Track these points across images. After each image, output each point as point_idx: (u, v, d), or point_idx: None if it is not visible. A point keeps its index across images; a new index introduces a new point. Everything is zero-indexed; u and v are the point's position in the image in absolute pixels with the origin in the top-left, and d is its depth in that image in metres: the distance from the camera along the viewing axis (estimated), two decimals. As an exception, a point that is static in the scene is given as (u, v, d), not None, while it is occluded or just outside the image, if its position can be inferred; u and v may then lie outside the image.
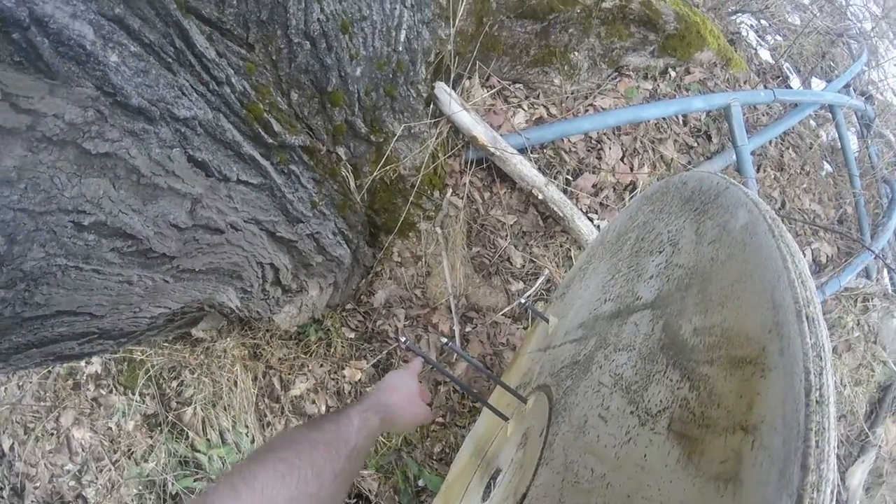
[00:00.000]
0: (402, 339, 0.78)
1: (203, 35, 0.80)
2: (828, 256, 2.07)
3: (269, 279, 1.06)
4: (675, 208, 0.64)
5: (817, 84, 2.64)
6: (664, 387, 0.44)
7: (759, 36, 2.42)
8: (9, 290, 0.56)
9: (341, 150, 1.19)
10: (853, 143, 2.64)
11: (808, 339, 0.32)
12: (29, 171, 0.52)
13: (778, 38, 2.58)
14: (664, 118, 1.55)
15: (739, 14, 2.37)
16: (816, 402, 0.29)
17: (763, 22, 2.55)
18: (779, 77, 2.35)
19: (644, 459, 0.41)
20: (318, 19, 1.07)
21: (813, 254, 2.02)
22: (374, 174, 1.16)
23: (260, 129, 0.89)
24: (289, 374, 1.36)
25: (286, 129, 0.98)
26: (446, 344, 0.81)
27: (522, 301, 0.94)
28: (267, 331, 1.37)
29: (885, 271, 2.47)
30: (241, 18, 1.05)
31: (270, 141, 0.92)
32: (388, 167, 1.17)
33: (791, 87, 2.38)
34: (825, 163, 2.33)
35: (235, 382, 1.38)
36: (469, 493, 0.87)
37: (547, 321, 0.94)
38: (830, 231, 1.94)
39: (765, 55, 2.34)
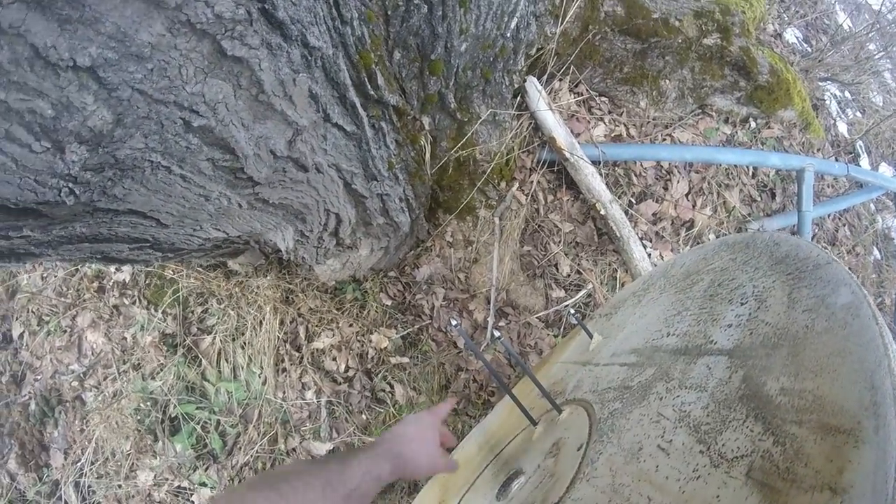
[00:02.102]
0: (454, 322, 0.77)
1: None
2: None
3: (329, 228, 1.09)
4: (762, 265, 0.67)
5: (885, 170, 2.64)
6: (743, 435, 0.47)
7: (840, 108, 2.43)
8: (96, 173, 0.55)
9: (426, 120, 1.22)
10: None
11: (902, 423, 0.36)
12: (162, 52, 0.50)
13: (858, 114, 2.58)
14: (737, 166, 1.57)
15: (828, 82, 2.38)
16: (904, 481, 0.33)
17: (847, 95, 2.55)
18: (851, 153, 2.36)
19: (717, 500, 0.44)
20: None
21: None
22: (451, 151, 1.19)
23: (366, 79, 0.92)
24: (317, 325, 1.39)
25: (387, 84, 1.01)
26: (498, 338, 0.82)
27: (571, 311, 0.97)
28: (305, 279, 1.41)
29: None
30: None
31: (372, 93, 0.95)
32: (465, 148, 1.20)
33: (860, 167, 2.39)
34: (875, 248, 2.34)
35: (261, 322, 1.41)
36: (477, 486, 0.90)
37: (591, 336, 0.97)
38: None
39: (842, 128, 2.35)
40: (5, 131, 0.43)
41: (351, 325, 1.32)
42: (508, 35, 1.22)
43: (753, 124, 1.72)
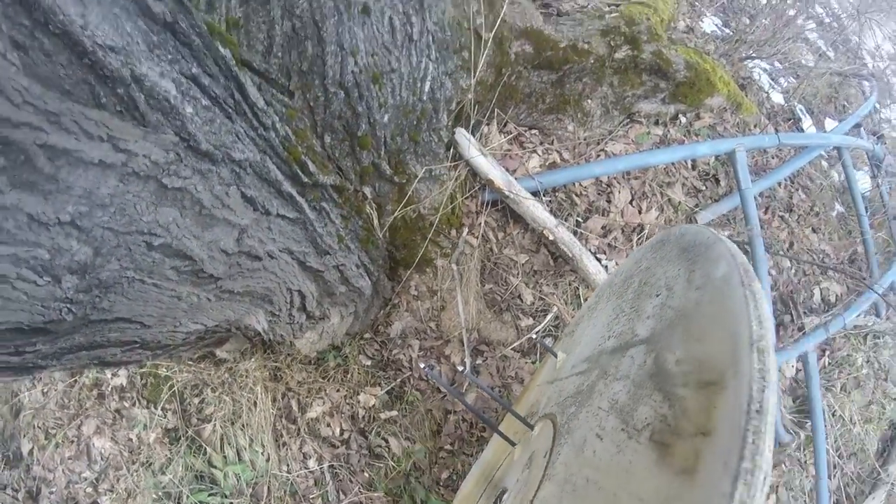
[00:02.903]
0: (422, 365, 0.88)
1: (254, 86, 0.95)
2: (837, 295, 2.16)
3: (296, 304, 1.19)
4: (673, 256, 0.76)
5: (831, 125, 2.75)
6: (649, 406, 0.56)
7: (772, 79, 2.55)
8: (86, 293, 0.69)
9: (367, 190, 1.33)
10: (867, 182, 2.74)
11: (755, 364, 0.44)
12: (119, 198, 0.65)
13: (792, 80, 2.70)
14: (673, 163, 1.67)
15: (753, 58, 2.50)
16: (756, 411, 0.41)
17: (777, 64, 2.68)
18: (791, 119, 2.47)
19: (630, 464, 0.53)
20: (353, 71, 1.22)
21: (822, 293, 2.11)
22: (396, 213, 1.29)
23: (298, 170, 1.03)
24: (307, 396, 1.48)
25: (320, 169, 1.12)
26: (462, 371, 0.91)
27: (534, 337, 1.05)
28: (288, 355, 1.49)
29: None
30: (284, 69, 1.21)
31: (306, 180, 1.06)
32: (409, 206, 1.30)
33: (802, 129, 2.50)
34: (836, 204, 2.43)
35: (255, 402, 1.50)
36: (476, 511, 0.98)
37: (556, 356, 1.05)
38: (836, 271, 2.03)
39: (777, 98, 2.46)
40: (17, 274, 0.58)
41: (338, 391, 1.40)
42: (425, 98, 1.33)
43: (684, 119, 1.83)
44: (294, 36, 1.17)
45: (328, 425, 1.47)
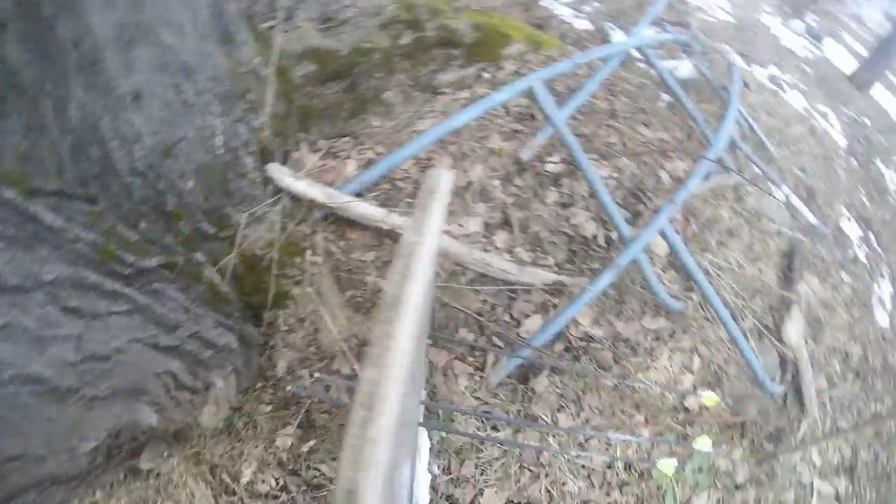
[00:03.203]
0: (288, 388, 0.98)
1: (49, 209, 1.03)
2: (685, 171, 2.47)
3: (171, 385, 1.27)
4: None
5: (645, 31, 3.11)
6: None
7: (575, 8, 2.84)
8: None
9: (198, 255, 1.42)
10: (689, 67, 3.13)
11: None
12: None
13: (595, 3, 3.03)
14: (483, 117, 1.86)
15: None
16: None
17: (582, -7, 2.98)
18: (599, 38, 2.77)
19: None
20: (141, 156, 1.32)
21: (669, 174, 2.41)
22: (231, 264, 1.39)
23: (115, 266, 1.13)
24: (233, 465, 1.55)
25: (139, 256, 1.22)
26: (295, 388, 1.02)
27: None
28: (199, 436, 1.55)
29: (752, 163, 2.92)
30: (80, 179, 1.29)
31: (128, 272, 1.16)
32: (243, 253, 1.40)
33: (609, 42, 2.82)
34: (664, 95, 2.76)
35: (193, 493, 1.55)
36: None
37: None
38: (670, 151, 2.32)
39: (582, 24, 2.76)
40: None
41: (256, 446, 1.49)
42: (221, 151, 1.45)
43: (487, 75, 2.04)
44: (77, 147, 1.27)
45: (263, 481, 1.55)
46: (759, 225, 2.79)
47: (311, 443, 1.49)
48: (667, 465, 1.44)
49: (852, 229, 3.65)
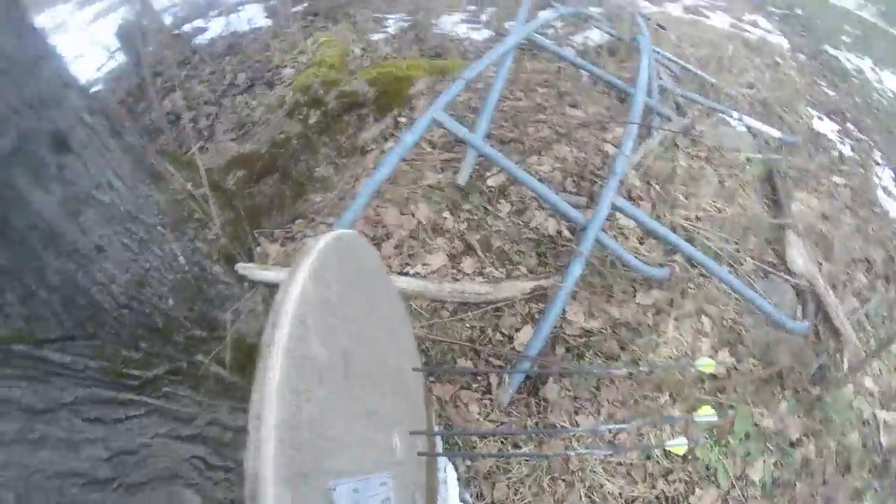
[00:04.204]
0: None
1: (58, 351, 1.33)
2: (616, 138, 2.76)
3: (202, 467, 1.54)
4: None
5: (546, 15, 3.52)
6: None
7: (470, 23, 3.24)
8: None
9: (199, 356, 1.72)
10: (596, 34, 3.50)
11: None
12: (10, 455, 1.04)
13: (490, 8, 3.44)
14: (404, 160, 2.17)
15: (435, 28, 3.18)
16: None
17: (471, 7, 3.40)
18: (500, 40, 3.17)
19: None
20: (120, 292, 1.62)
21: (613, 144, 2.72)
22: (227, 358, 1.69)
23: (125, 381, 1.43)
24: None
25: (144, 370, 1.50)
26: None
27: None
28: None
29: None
30: (77, 323, 1.57)
31: (137, 383, 1.45)
32: (239, 345, 1.70)
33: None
34: (582, 72, 3.12)
35: None
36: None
37: None
38: (604, 121, 2.64)
39: (482, 34, 3.16)
40: None
41: None
42: (187, 268, 1.77)
43: (404, 119, 2.39)
44: (66, 301, 1.52)
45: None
46: (723, 161, 3.00)
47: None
48: (677, 446, 1.38)
49: (826, 126, 3.81)
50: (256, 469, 0.64)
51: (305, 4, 3.66)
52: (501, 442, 1.91)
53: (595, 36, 3.64)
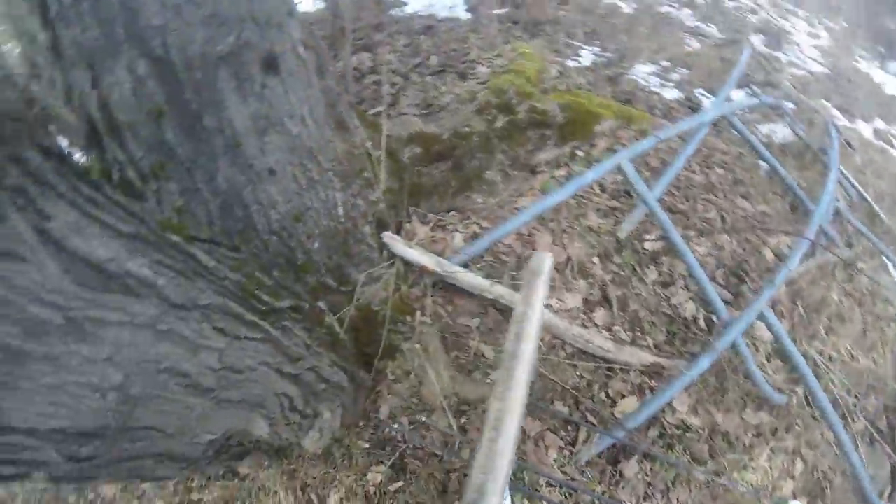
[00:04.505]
0: (388, 430, 1.27)
1: (205, 252, 1.41)
2: (789, 247, 2.60)
3: (286, 406, 1.59)
4: None
5: (737, 94, 3.39)
6: None
7: (661, 79, 3.19)
8: (124, 405, 1.13)
9: (322, 303, 1.83)
10: (786, 131, 3.32)
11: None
12: (133, 340, 1.12)
13: (683, 70, 3.37)
14: (578, 195, 2.21)
15: (628, 73, 3.16)
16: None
17: (664, 63, 3.35)
18: (689, 106, 3.09)
19: None
20: (277, 219, 1.68)
21: (773, 251, 2.57)
22: (348, 316, 1.80)
23: (254, 303, 1.48)
24: (323, 488, 1.85)
25: (273, 298, 1.57)
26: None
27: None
28: (299, 456, 1.89)
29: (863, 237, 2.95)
30: (226, 232, 1.65)
31: (264, 308, 1.50)
32: (360, 308, 1.81)
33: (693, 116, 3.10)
34: (761, 162, 2.97)
35: (280, 503, 1.89)
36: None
37: None
38: (771, 227, 2.49)
39: (671, 94, 3.09)
40: (79, 392, 1.03)
41: (348, 476, 1.80)
42: (343, 220, 1.84)
43: (581, 153, 2.41)
44: (225, 206, 1.62)
45: (347, 509, 1.86)
46: (873, 308, 2.75)
47: (399, 483, 1.74)
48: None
49: None
50: (484, 482, 0.69)
51: (506, 10, 3.77)
52: (565, 495, 1.90)
53: (780, 131, 3.46)
